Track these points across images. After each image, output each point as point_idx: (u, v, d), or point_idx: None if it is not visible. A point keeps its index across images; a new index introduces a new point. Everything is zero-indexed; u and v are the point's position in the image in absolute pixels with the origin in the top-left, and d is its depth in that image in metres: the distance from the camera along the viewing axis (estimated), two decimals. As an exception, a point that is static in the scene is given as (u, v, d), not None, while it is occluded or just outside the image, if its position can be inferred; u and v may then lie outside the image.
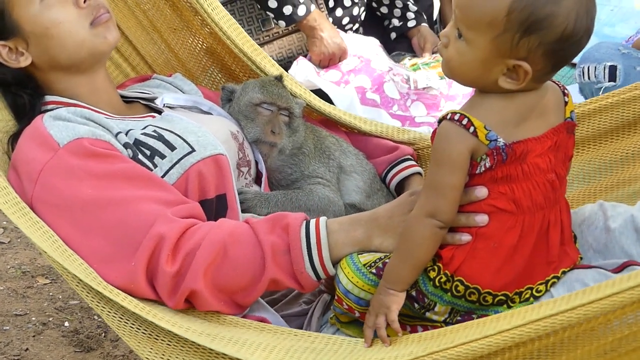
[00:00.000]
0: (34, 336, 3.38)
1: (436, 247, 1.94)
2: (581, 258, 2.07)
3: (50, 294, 3.56)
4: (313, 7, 4.09)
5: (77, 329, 3.42)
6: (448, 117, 1.89)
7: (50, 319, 3.49)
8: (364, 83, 3.98)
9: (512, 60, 1.84)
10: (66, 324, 3.45)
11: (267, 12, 4.10)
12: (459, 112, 1.87)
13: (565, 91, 2.00)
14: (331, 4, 4.31)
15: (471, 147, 1.86)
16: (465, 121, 1.85)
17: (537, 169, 1.90)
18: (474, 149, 1.86)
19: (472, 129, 1.85)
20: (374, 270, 2.03)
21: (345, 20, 4.37)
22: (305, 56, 4.16)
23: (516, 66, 1.84)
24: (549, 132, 1.92)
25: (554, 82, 2.00)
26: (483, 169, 1.88)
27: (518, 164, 1.88)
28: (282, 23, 4.10)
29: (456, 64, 1.92)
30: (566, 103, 1.98)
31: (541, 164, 1.90)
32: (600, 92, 3.79)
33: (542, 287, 1.96)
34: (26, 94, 2.41)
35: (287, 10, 4.03)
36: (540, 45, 1.81)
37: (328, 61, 4.10)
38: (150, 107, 2.60)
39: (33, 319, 3.48)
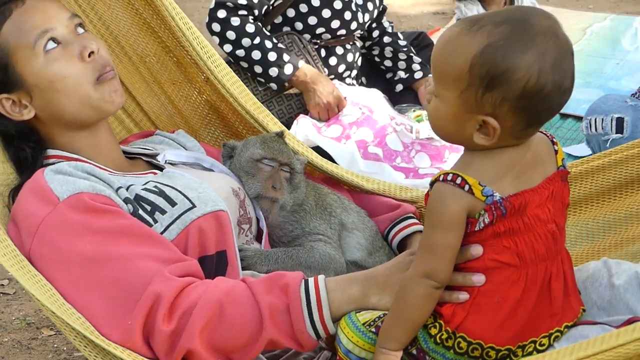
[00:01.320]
0: (36, 389, 3.37)
1: (432, 307, 1.92)
2: (584, 310, 2.04)
3: (55, 345, 3.53)
4: (301, 62, 4.12)
5: (79, 381, 3.40)
6: (440, 178, 1.87)
7: (54, 371, 3.47)
8: (366, 136, 3.98)
9: (481, 116, 1.83)
10: (69, 376, 3.43)
11: (258, 79, 4.13)
12: (451, 172, 1.86)
13: (554, 140, 1.99)
14: (323, 53, 4.33)
15: (467, 206, 1.85)
16: (459, 180, 1.84)
17: (538, 220, 1.89)
18: (471, 206, 1.85)
19: (466, 187, 1.83)
20: (373, 329, 2.01)
21: (342, 68, 4.40)
22: (306, 113, 4.17)
23: (485, 122, 1.83)
24: (544, 181, 1.91)
25: (541, 131, 1.99)
26: (483, 225, 1.86)
27: (519, 217, 1.87)
28: (273, 86, 4.15)
29: (433, 120, 1.94)
30: (556, 152, 1.98)
31: (541, 215, 1.89)
32: (608, 144, 3.80)
33: (545, 341, 1.93)
34: (28, 147, 2.41)
35: (273, 72, 4.09)
36: (504, 100, 1.80)
37: (327, 112, 4.11)
38: (152, 163, 2.60)
39: (36, 371, 3.47)
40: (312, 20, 4.24)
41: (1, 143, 2.43)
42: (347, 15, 4.27)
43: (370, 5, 4.46)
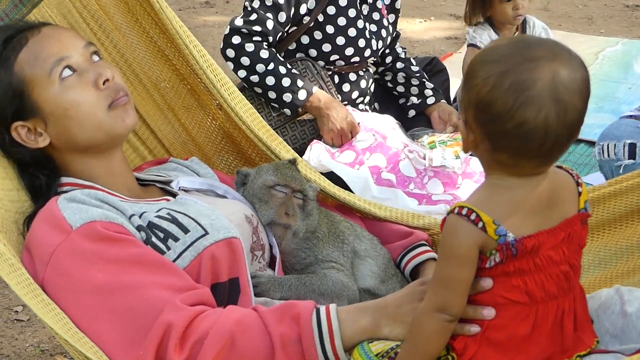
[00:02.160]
0: (51, 415, 3.37)
1: (446, 340, 1.92)
2: (597, 342, 2.03)
3: (69, 372, 3.54)
4: (315, 88, 4.13)
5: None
6: (456, 211, 1.86)
7: (68, 398, 3.47)
8: (379, 162, 3.97)
9: (461, 119, 1.89)
10: (83, 403, 3.42)
11: (272, 105, 4.15)
12: (466, 206, 1.85)
13: (579, 181, 1.97)
14: (337, 79, 4.34)
15: (480, 242, 1.84)
16: (473, 216, 1.83)
17: (550, 261, 1.88)
18: (483, 243, 1.84)
19: (480, 224, 1.83)
20: (387, 360, 2.02)
21: (355, 94, 4.41)
22: (320, 138, 4.18)
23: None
24: (562, 224, 1.89)
25: (567, 171, 1.98)
26: (493, 263, 1.86)
27: (530, 258, 1.86)
28: (287, 111, 4.15)
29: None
30: (580, 193, 1.96)
31: (554, 257, 1.88)
32: (621, 170, 3.78)
33: None
34: (43, 175, 2.43)
35: (287, 97, 4.09)
36: (469, 105, 1.83)
37: (340, 138, 4.11)
38: (165, 190, 2.61)
39: (50, 398, 3.47)
40: (326, 47, 4.25)
41: (16, 170, 2.44)
42: (361, 43, 4.28)
43: (383, 32, 4.46)
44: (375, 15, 4.44)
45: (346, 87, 4.37)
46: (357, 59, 4.32)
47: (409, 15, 8.11)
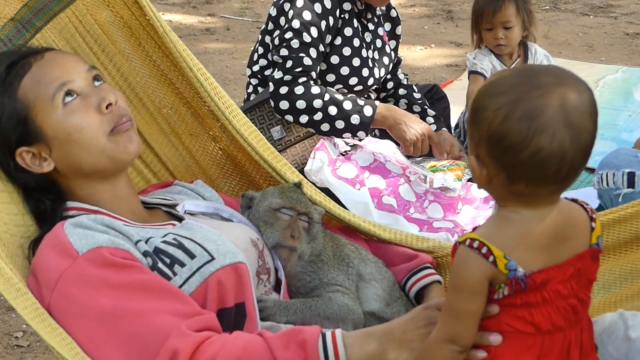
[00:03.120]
0: None
1: None
2: (601, 369, 2.03)
3: (69, 400, 3.52)
4: (377, 102, 4.16)
5: None
6: (467, 243, 1.86)
7: None
8: (379, 184, 3.96)
9: (472, 156, 1.87)
10: None
11: (344, 137, 4.16)
12: (478, 239, 1.84)
13: (593, 216, 1.95)
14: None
15: (490, 275, 1.83)
16: (484, 250, 1.83)
17: (558, 295, 1.86)
18: (493, 276, 1.84)
19: (491, 258, 1.82)
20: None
21: None
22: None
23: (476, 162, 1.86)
24: (572, 259, 1.88)
25: (582, 205, 1.97)
26: (501, 295, 1.85)
27: (538, 292, 1.85)
28: (361, 134, 4.14)
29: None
30: (593, 229, 1.94)
31: (562, 291, 1.87)
32: (620, 199, 3.78)
33: None
34: (48, 199, 2.42)
35: (355, 120, 4.08)
36: (480, 140, 1.82)
37: (421, 145, 4.18)
38: (171, 213, 2.61)
39: None
40: (330, 77, 4.25)
41: (21, 195, 2.44)
42: (365, 72, 4.29)
43: (385, 60, 4.48)
44: (378, 43, 4.46)
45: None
46: (360, 87, 4.33)
47: (409, 43, 8.15)
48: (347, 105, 4.05)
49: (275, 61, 4.12)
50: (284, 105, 4.03)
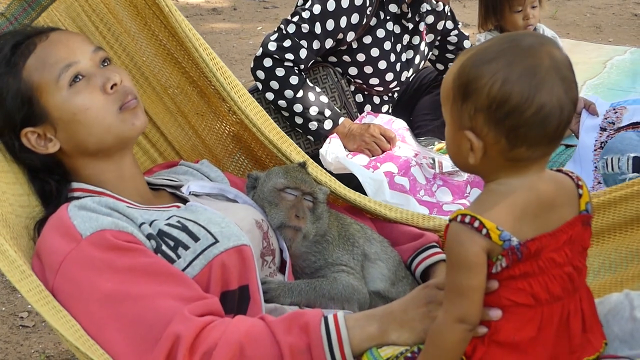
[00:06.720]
0: (56, 422, 3.36)
1: (466, 346, 1.91)
2: (606, 343, 2.02)
3: (75, 379, 3.53)
4: (342, 119, 4.14)
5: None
6: (458, 219, 1.86)
7: (73, 404, 3.46)
8: (391, 169, 3.97)
9: (463, 131, 1.86)
10: (88, 409, 3.41)
11: (297, 129, 4.17)
12: (469, 214, 1.84)
13: (580, 182, 1.96)
14: (360, 98, 4.36)
15: (486, 248, 1.83)
16: (476, 223, 1.83)
17: (553, 263, 1.87)
18: (489, 249, 1.84)
19: (484, 230, 1.82)
20: (397, 365, 2.01)
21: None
22: None
23: (469, 138, 1.85)
24: (563, 226, 1.89)
25: (567, 174, 1.98)
26: (500, 268, 1.85)
27: (533, 261, 1.85)
28: (310, 138, 4.17)
29: (446, 145, 1.97)
30: (580, 195, 1.95)
31: (557, 259, 1.87)
32: (625, 184, 3.77)
33: None
34: (53, 180, 2.43)
35: (313, 126, 4.12)
36: (477, 111, 1.82)
37: (375, 146, 4.11)
38: (176, 195, 2.61)
39: (56, 404, 3.46)
40: (353, 70, 4.26)
41: (27, 176, 2.45)
42: (389, 77, 4.30)
43: (417, 59, 4.47)
44: (415, 40, 4.44)
45: (367, 109, 4.39)
46: (380, 88, 4.34)
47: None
48: (313, 110, 4.08)
49: (280, 29, 4.12)
50: (260, 75, 4.09)
